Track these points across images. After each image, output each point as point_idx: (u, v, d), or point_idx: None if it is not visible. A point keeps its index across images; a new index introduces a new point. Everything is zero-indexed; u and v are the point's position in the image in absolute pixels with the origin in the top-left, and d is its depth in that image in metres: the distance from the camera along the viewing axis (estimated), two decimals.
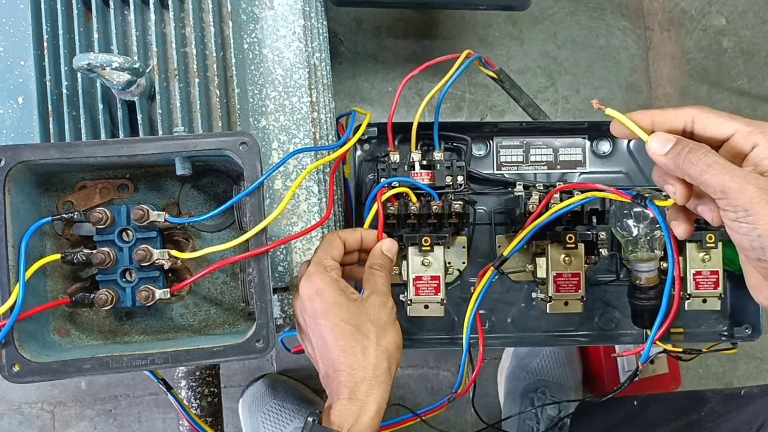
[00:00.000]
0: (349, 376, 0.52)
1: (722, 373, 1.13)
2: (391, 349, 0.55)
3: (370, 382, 0.52)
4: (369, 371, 0.53)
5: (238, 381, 1.04)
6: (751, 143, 0.43)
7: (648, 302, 0.65)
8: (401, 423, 0.67)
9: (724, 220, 0.43)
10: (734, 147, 0.44)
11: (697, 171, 0.42)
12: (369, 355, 0.53)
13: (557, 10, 1.11)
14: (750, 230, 0.41)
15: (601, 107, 0.48)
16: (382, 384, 0.53)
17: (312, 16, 0.69)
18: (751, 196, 0.40)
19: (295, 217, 0.64)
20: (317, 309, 0.54)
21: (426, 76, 1.05)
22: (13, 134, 0.58)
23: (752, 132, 0.43)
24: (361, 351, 0.53)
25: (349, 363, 0.52)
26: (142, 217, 0.52)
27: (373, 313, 0.55)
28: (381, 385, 0.53)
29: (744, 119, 0.44)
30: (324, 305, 0.54)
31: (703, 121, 0.45)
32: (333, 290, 0.54)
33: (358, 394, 0.51)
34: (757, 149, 0.43)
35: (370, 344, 0.54)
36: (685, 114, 0.46)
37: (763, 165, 0.42)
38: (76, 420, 1.03)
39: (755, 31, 1.15)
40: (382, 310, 0.56)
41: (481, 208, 0.77)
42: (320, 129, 0.68)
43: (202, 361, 0.52)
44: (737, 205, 0.41)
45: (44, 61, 0.57)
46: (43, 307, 0.52)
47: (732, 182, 0.41)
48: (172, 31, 0.58)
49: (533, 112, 0.79)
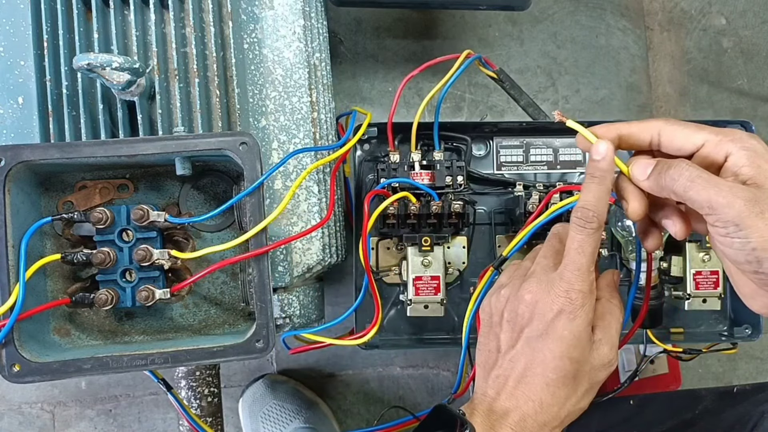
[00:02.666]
0: (535, 414, 0.47)
1: (722, 373, 1.13)
2: (580, 411, 0.49)
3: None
4: (555, 422, 0.47)
5: (238, 381, 1.04)
6: (723, 153, 0.42)
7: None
8: (401, 425, 0.67)
9: (714, 236, 0.42)
10: (705, 158, 0.43)
11: (681, 187, 0.41)
12: (565, 407, 0.48)
13: (557, 10, 1.11)
14: (743, 244, 0.40)
15: (562, 119, 0.47)
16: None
17: (312, 16, 0.69)
18: (740, 209, 0.39)
19: (295, 217, 0.64)
20: (557, 329, 0.47)
21: (426, 76, 1.05)
22: (13, 134, 0.58)
23: (722, 141, 0.42)
24: (562, 400, 0.47)
25: (546, 403, 0.47)
26: (142, 217, 0.52)
27: (596, 368, 0.49)
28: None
29: (711, 128, 0.43)
30: (567, 332, 0.47)
31: (670, 133, 0.44)
32: (585, 321, 0.47)
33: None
34: (732, 158, 0.41)
35: (573, 398, 0.48)
36: (651, 127, 0.45)
37: (743, 174, 0.41)
38: (76, 420, 1.03)
39: (755, 31, 1.15)
40: (605, 370, 0.49)
41: (481, 208, 0.77)
42: (320, 129, 0.68)
43: (202, 361, 0.52)
44: (726, 220, 0.40)
45: (44, 61, 0.57)
46: (43, 307, 0.52)
47: (718, 197, 0.39)
48: (172, 31, 0.58)
49: (533, 112, 0.79)
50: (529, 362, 0.48)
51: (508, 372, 0.49)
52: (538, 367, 0.47)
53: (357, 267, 0.74)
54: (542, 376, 0.47)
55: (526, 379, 0.48)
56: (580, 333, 0.47)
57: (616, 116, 1.11)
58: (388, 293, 0.76)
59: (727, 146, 0.42)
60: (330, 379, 1.05)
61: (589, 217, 0.45)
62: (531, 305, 0.48)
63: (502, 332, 0.50)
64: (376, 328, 0.67)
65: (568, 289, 0.46)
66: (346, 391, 1.05)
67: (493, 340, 0.51)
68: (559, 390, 0.47)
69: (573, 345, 0.47)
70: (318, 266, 0.65)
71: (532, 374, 0.47)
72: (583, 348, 0.47)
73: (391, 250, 0.74)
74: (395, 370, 1.06)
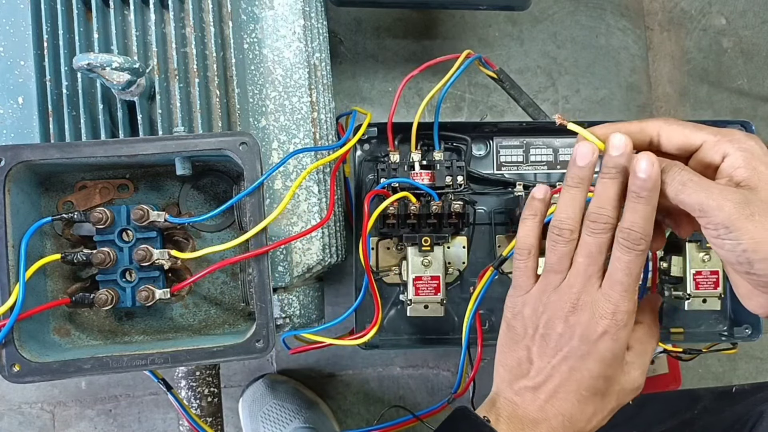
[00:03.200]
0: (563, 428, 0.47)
1: (722, 373, 1.13)
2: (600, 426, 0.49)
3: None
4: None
5: (238, 381, 1.04)
6: (721, 153, 0.42)
7: None
8: (401, 424, 0.67)
9: (707, 237, 0.42)
10: (703, 158, 0.43)
11: (673, 191, 0.42)
12: (591, 423, 0.48)
13: (557, 10, 1.11)
14: (734, 246, 0.40)
15: (563, 122, 0.47)
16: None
17: (312, 16, 0.69)
18: (730, 212, 0.39)
19: (295, 217, 0.64)
20: (598, 350, 0.46)
21: (426, 76, 1.05)
22: (13, 134, 0.58)
23: (720, 141, 0.42)
24: (590, 416, 0.48)
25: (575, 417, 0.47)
26: (142, 217, 0.52)
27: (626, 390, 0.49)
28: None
29: (711, 128, 0.43)
30: (608, 352, 0.46)
31: (669, 133, 0.44)
32: (625, 342, 0.47)
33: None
34: (728, 159, 0.42)
35: (600, 415, 0.48)
36: (651, 127, 0.45)
37: (738, 175, 0.41)
38: (76, 420, 1.03)
39: (755, 31, 1.15)
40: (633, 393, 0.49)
41: (481, 208, 0.77)
42: (320, 129, 0.68)
43: (202, 361, 0.52)
44: (717, 222, 0.40)
45: (44, 61, 0.57)
46: (43, 307, 0.52)
47: (709, 200, 0.40)
48: (172, 31, 0.58)
49: (533, 112, 0.79)
50: (565, 379, 0.47)
51: (540, 385, 0.48)
52: (574, 384, 0.47)
53: (357, 267, 0.74)
54: (576, 393, 0.47)
55: (560, 395, 0.47)
56: (620, 353, 0.47)
57: (616, 116, 1.11)
58: (388, 293, 0.76)
59: (724, 147, 0.42)
60: (330, 379, 1.05)
61: (637, 240, 0.44)
62: (573, 327, 0.47)
63: (535, 346, 0.50)
64: (376, 328, 0.67)
65: (615, 311, 0.45)
66: (346, 391, 1.05)
67: (524, 351, 0.50)
68: (589, 407, 0.47)
69: (610, 365, 0.47)
70: (318, 266, 0.65)
71: (565, 391, 0.47)
72: (617, 368, 0.47)
73: (391, 250, 0.75)
74: (395, 370, 1.06)
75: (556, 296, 0.48)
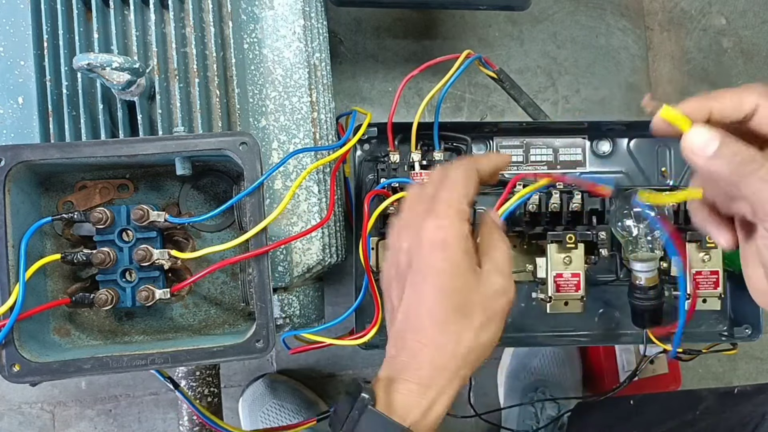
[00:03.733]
0: (431, 358, 0.44)
1: (722, 373, 1.13)
2: (486, 347, 0.46)
3: (452, 374, 0.44)
4: (456, 362, 0.44)
5: (238, 381, 1.04)
6: None
7: (648, 302, 0.65)
8: None
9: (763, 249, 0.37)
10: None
11: (750, 189, 0.35)
12: (462, 344, 0.44)
13: (557, 10, 1.11)
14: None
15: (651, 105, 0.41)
16: (460, 381, 0.44)
17: (312, 16, 0.69)
18: None
19: (295, 217, 0.64)
20: (432, 262, 0.44)
21: (426, 76, 1.05)
22: (13, 134, 0.58)
23: None
24: (455, 334, 0.44)
25: (439, 343, 0.44)
26: (142, 217, 0.52)
27: (488, 296, 0.45)
28: (459, 382, 0.44)
29: None
30: (443, 262, 0.44)
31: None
32: (460, 249, 0.44)
33: (434, 384, 0.43)
34: None
35: (469, 332, 0.44)
36: (746, 102, 0.38)
37: None
38: (76, 420, 1.03)
39: (755, 31, 1.15)
40: (500, 298, 0.46)
41: (481, 208, 0.77)
42: (320, 129, 0.68)
43: (202, 361, 0.52)
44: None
45: (44, 61, 0.57)
46: (43, 307, 0.52)
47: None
48: (172, 31, 0.58)
49: (533, 112, 0.79)
50: (414, 305, 0.45)
51: (403, 325, 0.46)
52: (422, 306, 0.44)
53: (357, 267, 0.74)
54: (428, 315, 0.44)
55: (415, 323, 0.45)
56: (459, 260, 0.44)
57: (616, 116, 1.11)
58: None
59: None
60: (330, 379, 1.05)
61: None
62: (407, 251, 0.46)
63: (392, 290, 0.48)
64: (376, 328, 0.67)
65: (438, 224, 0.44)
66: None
67: (388, 302, 0.49)
68: (449, 325, 0.44)
69: (453, 274, 0.44)
70: (318, 266, 0.65)
71: (417, 316, 0.44)
72: (466, 277, 0.44)
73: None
74: None
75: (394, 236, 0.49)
